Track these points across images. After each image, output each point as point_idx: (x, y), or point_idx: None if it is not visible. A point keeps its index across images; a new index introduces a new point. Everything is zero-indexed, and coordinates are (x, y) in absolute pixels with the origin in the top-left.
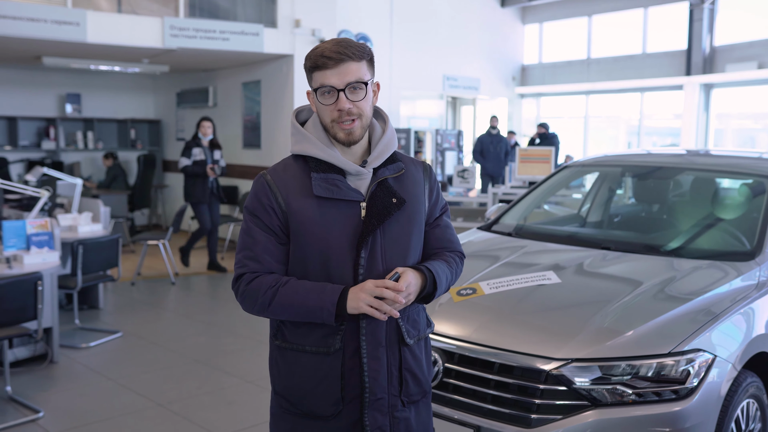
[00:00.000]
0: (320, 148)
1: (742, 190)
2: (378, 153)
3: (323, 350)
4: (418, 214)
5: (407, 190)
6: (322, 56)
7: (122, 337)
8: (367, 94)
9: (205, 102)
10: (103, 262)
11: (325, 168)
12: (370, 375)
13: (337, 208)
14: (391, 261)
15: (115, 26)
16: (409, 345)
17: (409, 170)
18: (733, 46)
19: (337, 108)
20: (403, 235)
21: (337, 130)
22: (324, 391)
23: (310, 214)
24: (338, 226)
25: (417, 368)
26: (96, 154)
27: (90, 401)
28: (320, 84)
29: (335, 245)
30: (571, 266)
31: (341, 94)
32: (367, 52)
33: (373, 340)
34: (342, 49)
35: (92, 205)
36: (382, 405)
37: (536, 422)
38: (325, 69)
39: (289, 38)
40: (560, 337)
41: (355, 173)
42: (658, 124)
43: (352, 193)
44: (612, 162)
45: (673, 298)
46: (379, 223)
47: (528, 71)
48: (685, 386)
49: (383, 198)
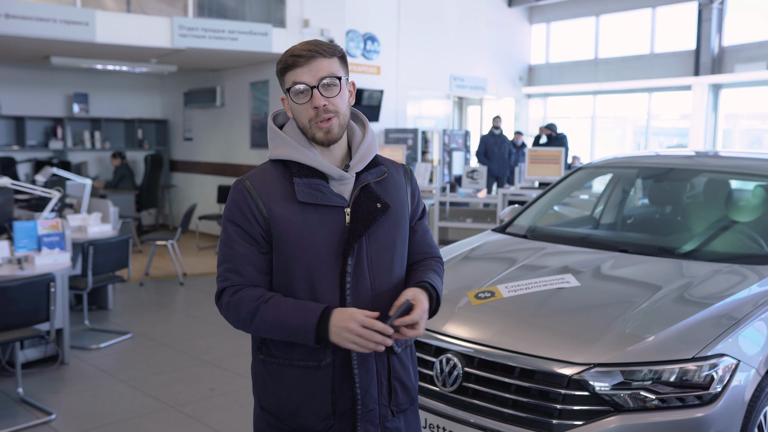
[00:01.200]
0: (301, 152)
1: (757, 191)
2: (360, 157)
3: (313, 364)
4: (403, 218)
5: (391, 194)
6: (292, 55)
7: (132, 338)
8: (341, 90)
9: (213, 102)
10: (114, 263)
11: (307, 173)
12: (361, 387)
13: (321, 214)
14: (378, 267)
15: (124, 26)
16: (398, 353)
17: (391, 174)
18: (742, 46)
19: (313, 105)
20: (388, 241)
21: (315, 130)
22: (314, 406)
23: (293, 220)
24: (323, 233)
25: (405, 377)
26: (103, 154)
27: (102, 403)
28: (292, 82)
29: (321, 253)
30: (590, 269)
31: (315, 91)
32: (339, 50)
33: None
34: (312, 47)
35: (101, 206)
36: (374, 416)
37: (558, 427)
38: (297, 67)
39: (297, 38)
40: (582, 342)
41: (338, 178)
42: (666, 124)
43: (336, 198)
44: (626, 164)
45: (694, 302)
46: (365, 229)
47: (535, 71)
48: (709, 392)
49: (368, 203)
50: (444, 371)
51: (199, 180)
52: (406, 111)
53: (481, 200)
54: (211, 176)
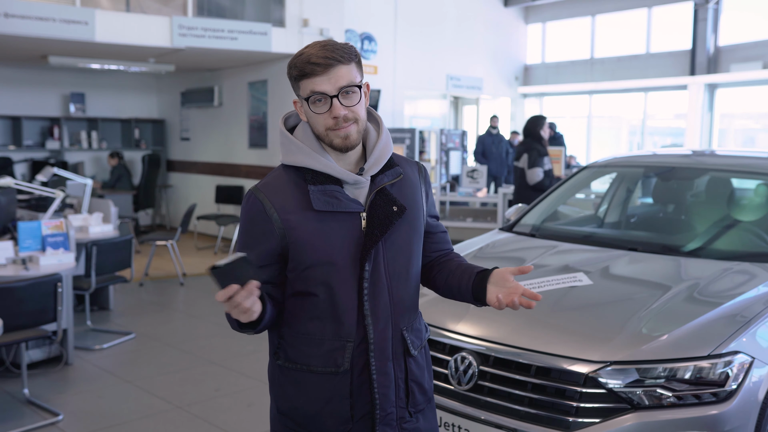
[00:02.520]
0: (315, 159)
1: (761, 190)
2: (375, 159)
3: (331, 370)
4: (418, 219)
5: (406, 195)
6: (309, 63)
7: (135, 339)
8: (360, 98)
9: (211, 102)
10: (117, 263)
11: (322, 179)
12: (380, 391)
13: (337, 221)
14: (394, 271)
15: (124, 25)
16: (414, 356)
17: (406, 174)
18: (738, 46)
19: (332, 115)
20: (405, 244)
21: (332, 137)
22: (332, 411)
23: (310, 229)
24: (339, 239)
25: (421, 378)
26: (100, 154)
27: (108, 403)
28: (311, 92)
29: (338, 259)
30: (601, 268)
31: (335, 101)
32: (355, 53)
33: (381, 355)
34: (329, 53)
35: (102, 206)
36: (391, 419)
37: (575, 425)
38: (314, 76)
39: (297, 38)
40: (597, 340)
41: (353, 182)
42: (661, 124)
43: (352, 204)
44: (631, 163)
45: (706, 300)
46: (382, 234)
47: (531, 71)
48: (725, 389)
49: (384, 207)
50: (459, 370)
51: (196, 180)
52: (403, 111)
53: (481, 199)
54: (208, 176)
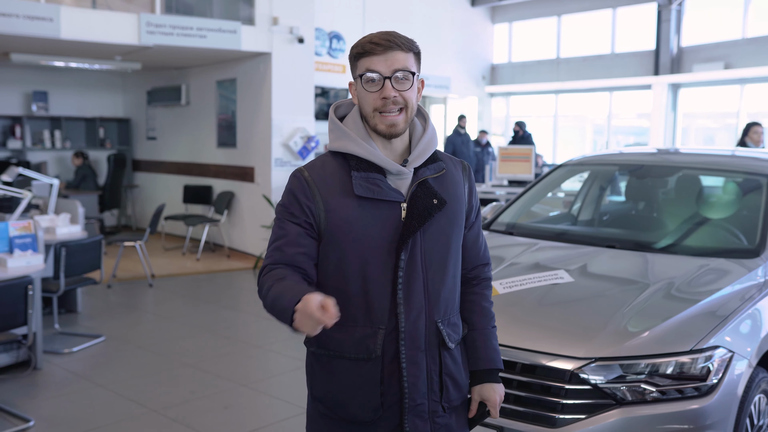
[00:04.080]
0: (361, 146)
1: (732, 187)
2: (419, 152)
3: (363, 356)
4: (459, 215)
5: (448, 190)
6: (371, 42)
7: (105, 342)
8: (413, 85)
9: (178, 100)
10: (86, 265)
11: (365, 167)
12: (409, 381)
13: (377, 209)
14: (431, 263)
15: (90, 22)
16: (450, 349)
17: (449, 170)
18: (700, 46)
19: (382, 96)
20: (443, 237)
21: (378, 121)
22: (363, 397)
23: (350, 214)
24: (378, 227)
25: (457, 373)
26: (64, 154)
27: (81, 408)
28: (366, 69)
29: (374, 247)
30: (580, 265)
31: (387, 82)
32: (415, 46)
33: (412, 345)
34: (391, 38)
35: (69, 206)
36: (422, 411)
37: (561, 422)
38: (373, 55)
39: (266, 36)
40: (581, 337)
41: (396, 173)
42: (625, 123)
43: (393, 193)
44: (605, 161)
45: (686, 297)
46: (420, 225)
47: (498, 70)
48: (706, 383)
49: (424, 199)
50: None
51: (163, 180)
52: None
53: None
54: (176, 176)
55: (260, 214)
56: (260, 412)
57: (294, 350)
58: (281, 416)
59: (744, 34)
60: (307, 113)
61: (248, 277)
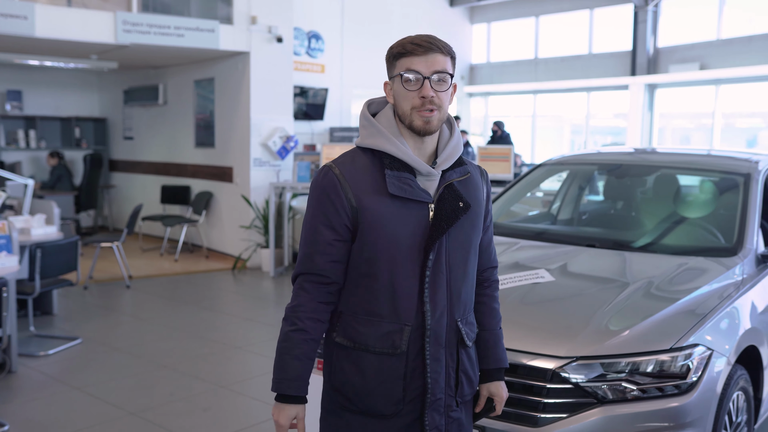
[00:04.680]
0: (395, 145)
1: (709, 186)
2: (447, 155)
3: (388, 351)
4: (479, 218)
5: (471, 194)
6: (412, 43)
7: (82, 344)
8: (449, 87)
9: (155, 100)
10: (62, 266)
11: (398, 166)
12: (432, 377)
13: (407, 208)
14: (454, 264)
15: (65, 20)
16: (468, 347)
17: (472, 174)
18: (676, 47)
19: (421, 95)
20: (466, 239)
21: (415, 117)
22: (386, 391)
23: (382, 212)
24: (408, 226)
25: (471, 370)
26: (39, 154)
27: (58, 412)
28: (406, 68)
29: (404, 246)
30: (562, 264)
31: (426, 82)
32: (453, 51)
33: (435, 342)
34: (432, 40)
35: (45, 207)
36: (440, 405)
37: (543, 421)
38: (413, 56)
39: (245, 35)
40: (563, 336)
41: (426, 173)
42: (603, 123)
43: (423, 194)
44: (585, 161)
45: (665, 296)
46: (449, 226)
47: (476, 70)
48: (686, 381)
49: (451, 201)
50: None
51: (140, 180)
52: (350, 110)
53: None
54: (153, 176)
55: (239, 215)
56: (240, 413)
57: (273, 351)
58: (261, 418)
59: (719, 35)
60: (286, 113)
61: (227, 278)
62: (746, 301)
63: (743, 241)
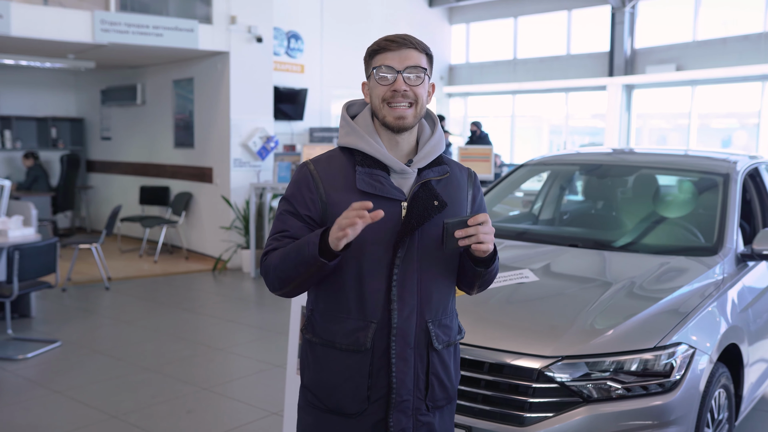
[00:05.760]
0: (368, 143)
1: (689, 187)
2: (424, 153)
3: (353, 347)
4: None
5: (450, 194)
6: (386, 40)
7: (62, 347)
8: (423, 82)
9: (133, 100)
10: (41, 268)
11: (370, 163)
12: (397, 376)
13: (377, 205)
14: (427, 264)
15: (42, 19)
16: (438, 350)
17: (453, 174)
18: (653, 48)
19: (393, 88)
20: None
21: (386, 113)
22: (351, 389)
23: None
24: (377, 223)
25: (444, 374)
26: (14, 154)
27: (38, 416)
28: (380, 64)
29: (372, 242)
30: (545, 264)
31: (399, 76)
32: (429, 50)
33: (402, 342)
34: (406, 37)
35: (22, 208)
36: (407, 407)
37: (529, 420)
38: (387, 51)
39: (224, 35)
40: (548, 336)
41: (400, 171)
42: (581, 123)
43: (395, 191)
44: (567, 161)
45: (649, 294)
46: (419, 225)
47: (455, 71)
48: (670, 379)
49: (425, 199)
50: None
51: (118, 181)
52: (330, 110)
53: None
54: (132, 177)
55: (219, 215)
56: (223, 415)
57: (256, 352)
58: (245, 420)
59: (695, 36)
60: (266, 113)
61: (207, 279)
62: (727, 299)
63: (723, 240)
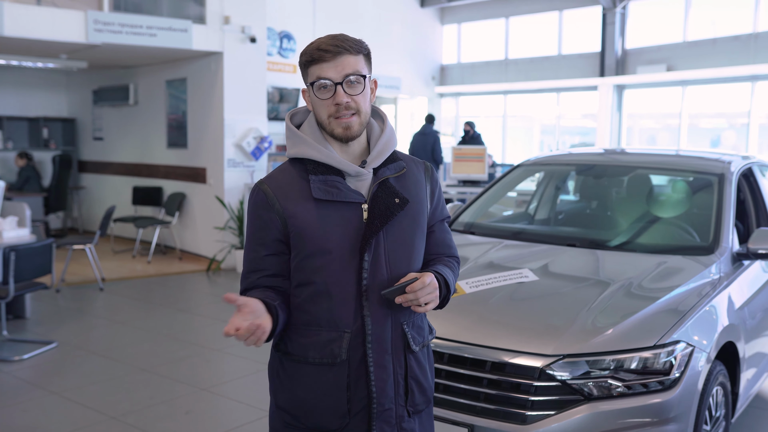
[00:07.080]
0: (317, 149)
1: (684, 186)
2: (377, 152)
3: (327, 361)
4: (421, 214)
5: (409, 190)
6: (319, 49)
7: (58, 348)
8: (365, 88)
9: (126, 100)
10: (37, 269)
11: (323, 170)
12: (377, 385)
13: (337, 211)
14: (396, 264)
15: (34, 19)
16: (415, 352)
17: (410, 169)
18: (644, 49)
19: (335, 102)
20: (406, 237)
21: (334, 126)
22: (330, 405)
23: (309, 218)
24: (339, 229)
25: (422, 376)
26: (6, 155)
27: (36, 417)
28: (317, 77)
29: (336, 249)
30: (544, 264)
31: (339, 88)
32: (364, 47)
33: (379, 348)
34: (339, 42)
35: (17, 209)
36: (390, 416)
37: (531, 418)
38: (322, 62)
39: (218, 35)
40: (549, 335)
41: (355, 174)
42: (572, 123)
43: (353, 194)
44: (562, 161)
45: (648, 293)
46: (383, 225)
47: (447, 71)
48: (669, 377)
49: (385, 198)
50: None
51: (111, 181)
52: None
53: None
54: (124, 177)
55: (213, 216)
56: (222, 416)
57: (253, 352)
58: (243, 420)
59: (685, 37)
60: (260, 113)
61: (201, 280)
62: (724, 298)
63: (719, 239)
